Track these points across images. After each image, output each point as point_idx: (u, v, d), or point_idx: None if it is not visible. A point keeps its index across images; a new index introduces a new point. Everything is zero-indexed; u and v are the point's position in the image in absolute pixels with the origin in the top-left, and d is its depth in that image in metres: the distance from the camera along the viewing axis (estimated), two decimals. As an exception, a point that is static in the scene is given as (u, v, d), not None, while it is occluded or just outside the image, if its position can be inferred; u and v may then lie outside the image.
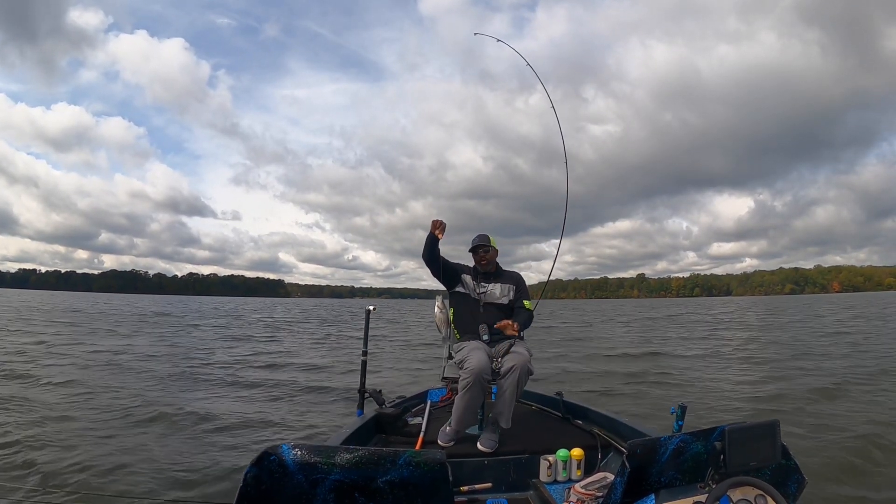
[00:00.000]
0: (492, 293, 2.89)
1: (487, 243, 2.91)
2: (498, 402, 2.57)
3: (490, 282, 2.92)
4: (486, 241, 2.91)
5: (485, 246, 2.90)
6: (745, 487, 1.36)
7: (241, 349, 12.18)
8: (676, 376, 7.93)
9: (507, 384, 2.52)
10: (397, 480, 1.33)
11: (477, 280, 2.92)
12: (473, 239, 2.96)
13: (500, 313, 2.82)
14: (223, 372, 8.49)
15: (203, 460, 3.95)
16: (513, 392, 2.52)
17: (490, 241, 2.93)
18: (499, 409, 2.56)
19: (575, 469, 2.43)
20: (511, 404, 2.54)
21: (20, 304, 37.95)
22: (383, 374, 8.61)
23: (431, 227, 2.73)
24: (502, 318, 2.73)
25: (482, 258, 2.91)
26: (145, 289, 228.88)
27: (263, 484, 1.31)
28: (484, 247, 2.91)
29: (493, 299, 2.88)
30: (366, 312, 3.26)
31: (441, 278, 2.90)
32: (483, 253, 2.90)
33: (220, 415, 5.39)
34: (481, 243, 2.92)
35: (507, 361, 2.55)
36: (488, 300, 2.87)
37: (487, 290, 2.89)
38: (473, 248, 2.93)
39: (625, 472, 1.45)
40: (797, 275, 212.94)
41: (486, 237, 2.94)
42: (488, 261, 2.92)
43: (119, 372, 8.14)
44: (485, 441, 2.52)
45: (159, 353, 10.57)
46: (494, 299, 2.88)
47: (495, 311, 2.84)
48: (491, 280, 2.93)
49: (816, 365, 8.52)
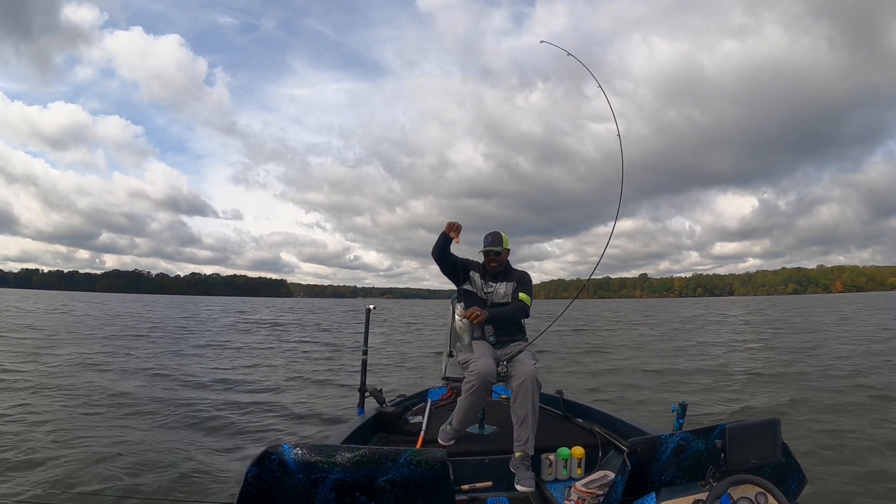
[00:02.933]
0: (497, 293, 2.82)
1: (500, 246, 2.81)
2: (520, 430, 2.39)
3: (498, 281, 2.85)
4: (498, 243, 2.82)
5: (496, 250, 2.81)
6: (746, 485, 1.36)
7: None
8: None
9: (520, 406, 2.39)
10: (398, 479, 1.33)
11: (485, 279, 2.86)
12: (485, 238, 2.86)
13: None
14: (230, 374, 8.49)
15: (203, 460, 3.96)
16: (529, 413, 2.38)
17: (503, 241, 2.84)
18: (522, 436, 2.37)
19: (576, 467, 2.43)
20: (533, 429, 2.39)
21: (42, 307, 36.25)
22: (383, 374, 8.63)
23: (447, 227, 2.68)
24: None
25: (492, 261, 2.83)
26: (148, 289, 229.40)
27: (264, 483, 1.31)
28: (495, 251, 2.81)
29: (499, 299, 2.82)
30: (366, 311, 3.28)
31: (450, 276, 2.87)
32: (494, 256, 2.82)
33: (220, 415, 5.41)
34: (493, 247, 2.82)
35: (515, 379, 2.45)
36: (494, 300, 2.81)
37: (494, 289, 2.82)
38: (485, 251, 2.83)
39: (625, 470, 1.45)
40: (799, 275, 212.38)
41: (499, 238, 2.83)
42: (499, 263, 2.84)
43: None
44: (524, 482, 2.29)
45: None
46: (499, 299, 2.82)
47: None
48: (499, 279, 2.86)
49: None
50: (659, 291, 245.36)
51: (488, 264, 2.85)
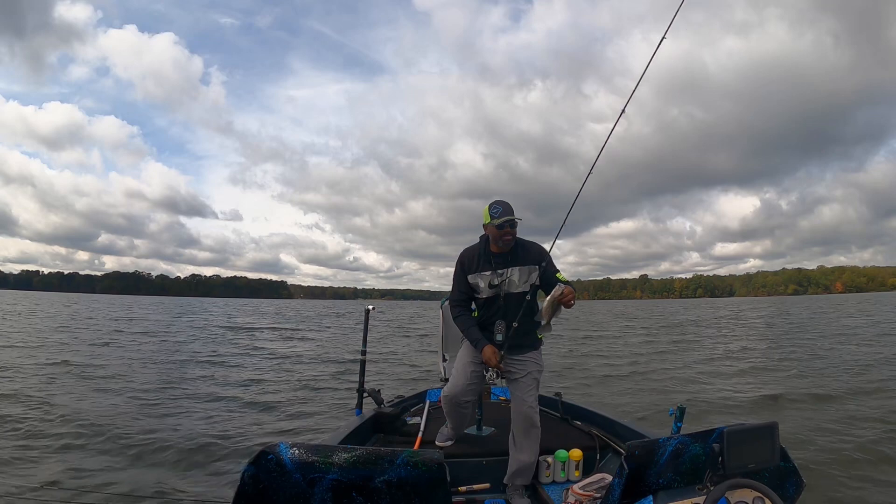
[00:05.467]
0: (511, 281, 2.31)
1: (514, 215, 2.27)
2: (518, 461, 2.29)
3: (508, 265, 2.32)
4: (511, 211, 2.27)
5: (512, 220, 2.27)
6: (744, 489, 1.35)
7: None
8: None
9: (518, 446, 2.29)
10: (395, 480, 1.32)
11: (493, 267, 2.33)
12: (492, 208, 2.28)
13: (521, 304, 2.30)
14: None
15: (199, 459, 3.96)
16: (527, 454, 2.28)
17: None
18: (519, 469, 2.28)
19: (573, 470, 2.43)
20: (532, 461, 2.31)
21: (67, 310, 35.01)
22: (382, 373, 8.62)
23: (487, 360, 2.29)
24: (520, 310, 2.27)
25: (507, 234, 2.28)
26: (148, 290, 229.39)
27: (261, 483, 1.31)
28: (512, 221, 2.27)
29: (515, 289, 2.31)
30: (365, 312, 3.29)
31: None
32: (511, 228, 2.28)
33: (219, 414, 5.41)
34: (510, 217, 2.26)
35: (512, 407, 2.32)
36: (510, 290, 2.32)
37: (506, 277, 2.31)
38: (499, 223, 2.25)
39: (623, 473, 1.45)
40: (800, 275, 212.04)
41: (511, 208, 2.28)
42: (512, 236, 2.30)
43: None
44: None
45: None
46: (516, 289, 2.31)
47: (515, 302, 2.31)
48: (509, 263, 2.32)
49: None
50: (659, 292, 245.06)
51: (502, 238, 2.28)
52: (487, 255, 2.35)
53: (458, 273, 2.40)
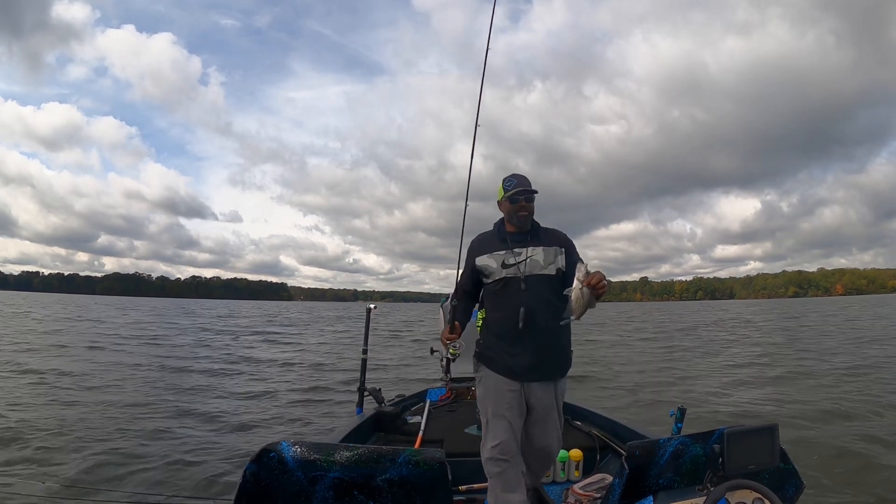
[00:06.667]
0: (534, 261, 1.99)
1: (530, 187, 2.02)
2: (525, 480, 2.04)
3: (526, 244, 2.02)
4: (527, 183, 2.03)
5: (528, 192, 2.01)
6: (744, 490, 1.36)
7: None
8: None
9: (537, 472, 2.19)
10: (396, 479, 1.33)
11: (509, 246, 2.01)
12: (506, 182, 2.04)
13: (549, 288, 1.97)
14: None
15: (201, 457, 3.96)
16: (541, 473, 2.22)
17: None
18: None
19: (573, 470, 2.44)
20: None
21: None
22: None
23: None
24: (548, 298, 1.95)
25: (522, 209, 2.02)
26: (149, 292, 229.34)
27: (263, 481, 1.31)
28: (527, 193, 2.01)
29: (538, 270, 1.98)
30: (367, 311, 3.31)
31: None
32: (526, 203, 2.02)
33: (220, 413, 5.41)
34: (522, 188, 2.01)
35: (533, 443, 2.02)
36: (532, 271, 1.98)
37: (527, 257, 1.99)
38: (512, 195, 2.00)
39: (623, 473, 1.45)
40: (800, 277, 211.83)
41: (526, 179, 2.04)
42: (529, 212, 2.04)
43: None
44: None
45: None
46: (538, 269, 1.98)
47: (540, 286, 1.97)
48: (528, 242, 2.02)
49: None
50: (660, 295, 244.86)
51: (517, 214, 2.03)
52: (502, 235, 2.06)
53: (467, 260, 2.15)
